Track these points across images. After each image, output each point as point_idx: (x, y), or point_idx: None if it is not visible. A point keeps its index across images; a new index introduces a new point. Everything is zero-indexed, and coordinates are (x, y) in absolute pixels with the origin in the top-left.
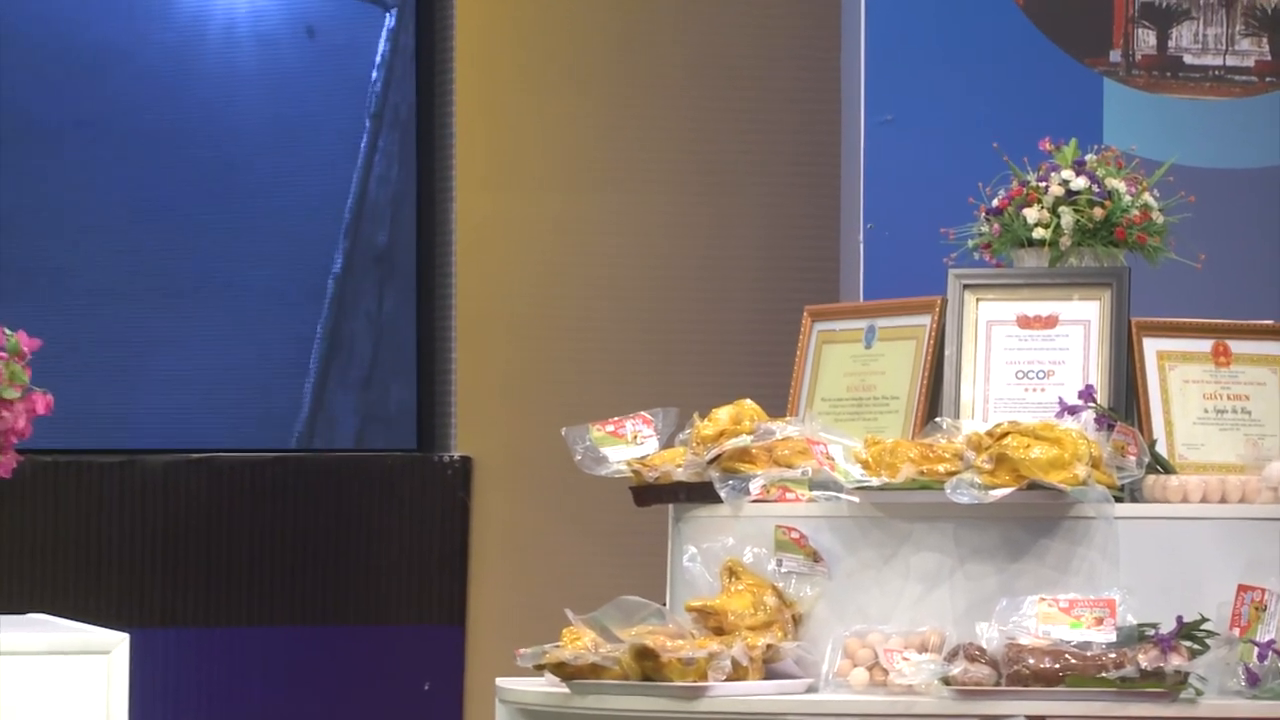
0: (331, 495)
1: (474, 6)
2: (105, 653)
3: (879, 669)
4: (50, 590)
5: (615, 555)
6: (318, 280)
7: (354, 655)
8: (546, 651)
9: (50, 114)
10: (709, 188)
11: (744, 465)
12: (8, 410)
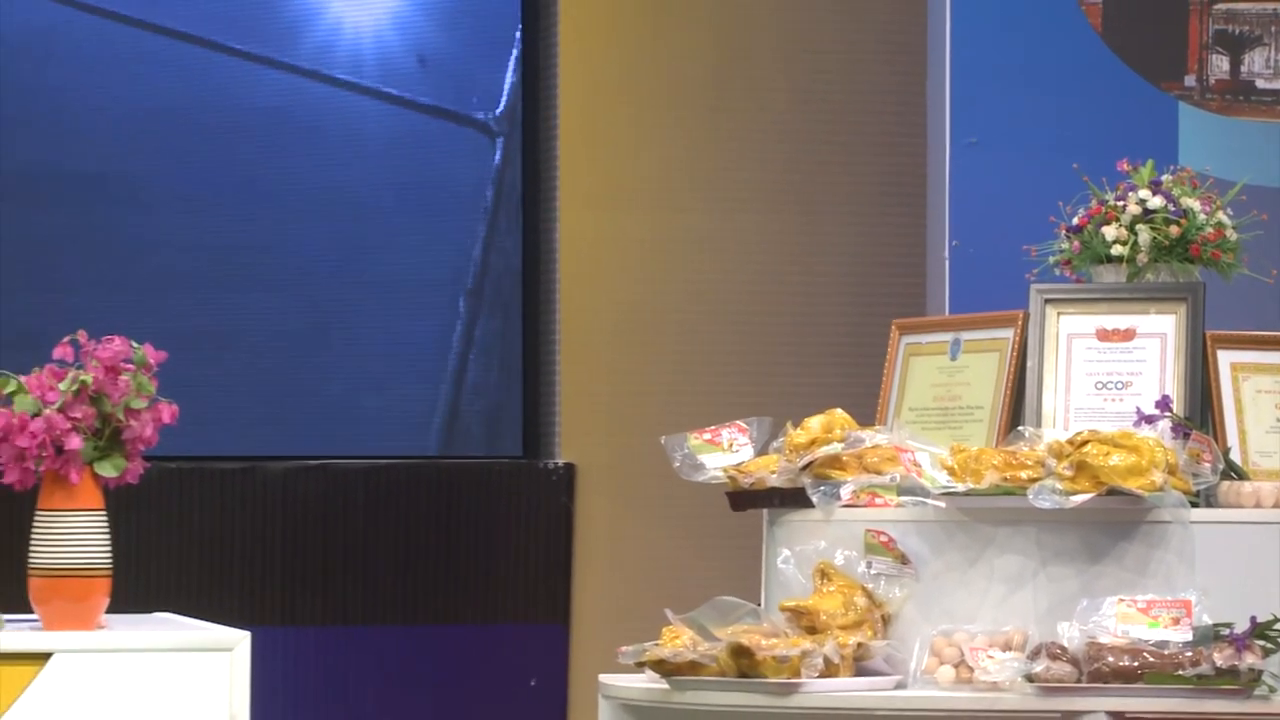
0: (442, 500)
1: (577, 32)
2: (228, 650)
3: (965, 667)
4: (175, 590)
5: (712, 558)
6: (430, 298)
7: (464, 653)
8: (647, 649)
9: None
10: (803, 207)
11: (835, 472)
12: (135, 420)
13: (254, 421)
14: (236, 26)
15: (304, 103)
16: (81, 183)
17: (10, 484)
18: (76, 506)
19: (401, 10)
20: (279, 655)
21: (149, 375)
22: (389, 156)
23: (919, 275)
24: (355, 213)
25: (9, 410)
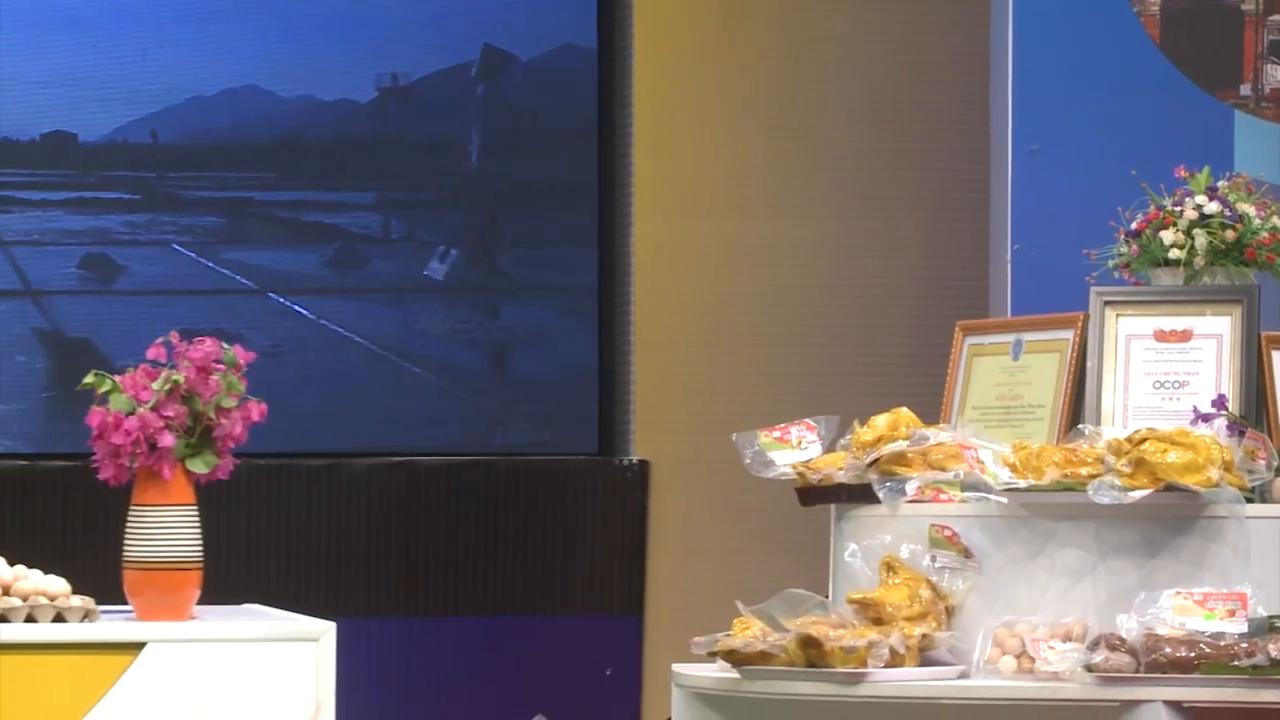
0: (521, 496)
1: (652, 44)
2: (314, 640)
3: (1026, 657)
4: (263, 582)
5: (781, 551)
6: (512, 301)
7: (542, 643)
8: (719, 640)
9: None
10: (869, 213)
11: (900, 468)
12: (226, 418)
13: (339, 420)
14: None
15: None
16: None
17: (106, 480)
18: (169, 502)
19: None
20: (363, 645)
21: (239, 375)
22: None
23: (982, 278)
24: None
25: (104, 409)
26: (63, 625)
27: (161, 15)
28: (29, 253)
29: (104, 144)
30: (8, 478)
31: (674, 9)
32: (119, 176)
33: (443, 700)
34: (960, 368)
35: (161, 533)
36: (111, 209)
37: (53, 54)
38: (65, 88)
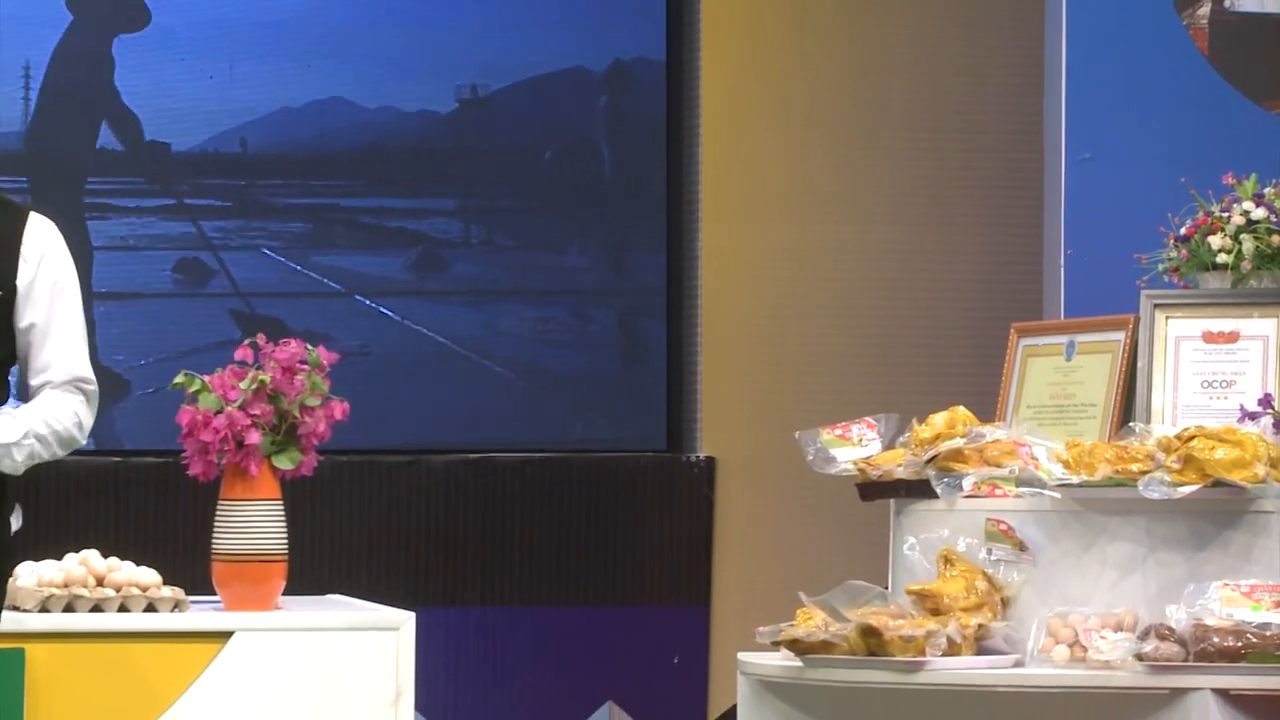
0: (592, 491)
1: (719, 54)
2: (394, 629)
3: (1079, 646)
4: (346, 574)
5: (842, 544)
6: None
7: (612, 632)
8: (782, 629)
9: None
10: (928, 219)
11: (957, 465)
12: (310, 416)
13: (418, 418)
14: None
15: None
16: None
17: (195, 476)
18: (255, 497)
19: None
20: (441, 634)
21: (322, 375)
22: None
23: (1036, 282)
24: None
25: (194, 408)
26: (154, 615)
27: (249, 31)
28: (126, 257)
29: (196, 154)
30: (102, 474)
31: (739, 23)
32: (211, 185)
33: (516, 687)
34: (1015, 368)
35: (248, 526)
36: (204, 215)
37: (146, 69)
38: (158, 100)
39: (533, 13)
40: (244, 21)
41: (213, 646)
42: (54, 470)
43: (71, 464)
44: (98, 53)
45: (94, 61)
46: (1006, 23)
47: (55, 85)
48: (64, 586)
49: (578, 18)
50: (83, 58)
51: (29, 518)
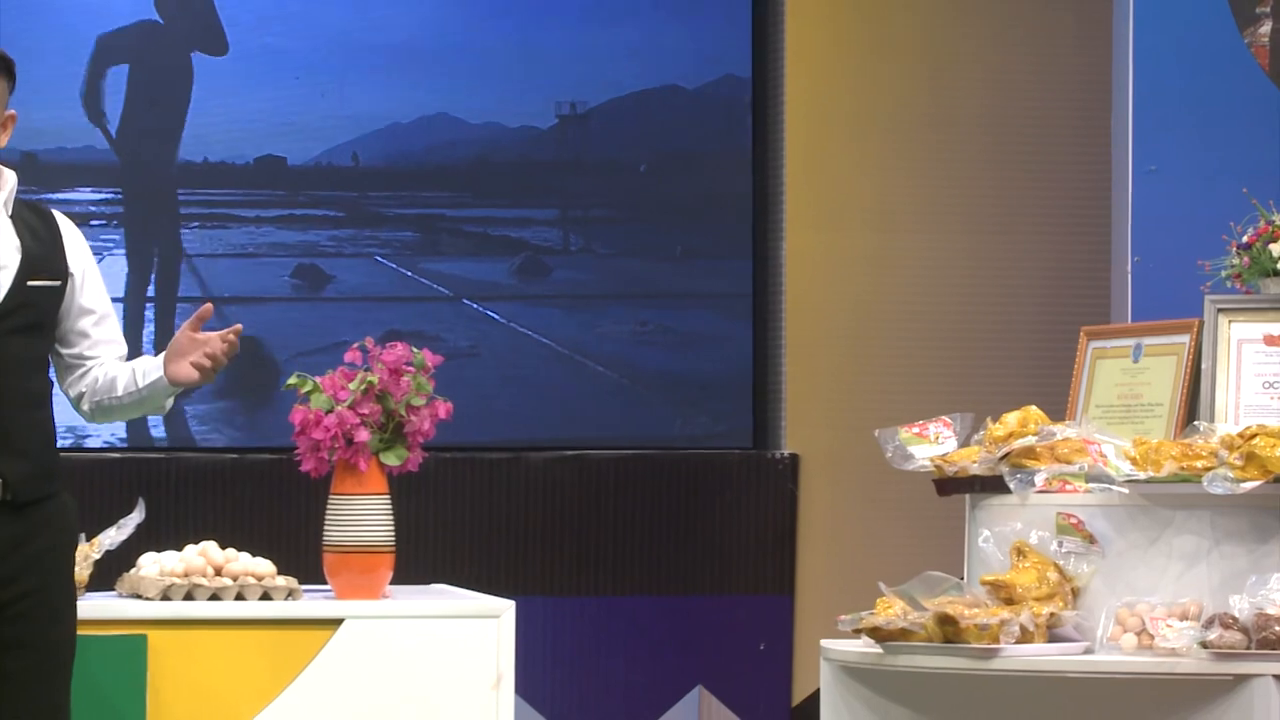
0: (682, 485)
1: (801, 73)
2: (495, 617)
3: (1146, 634)
4: (449, 564)
5: (920, 537)
6: (672, 306)
7: (701, 619)
8: (863, 618)
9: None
10: (1001, 228)
11: (1030, 461)
12: (415, 415)
13: (518, 417)
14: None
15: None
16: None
17: (307, 471)
18: (364, 491)
19: (644, 49)
20: (539, 621)
21: (427, 376)
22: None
23: (1104, 287)
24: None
25: (306, 407)
26: (269, 603)
27: (359, 52)
28: (245, 264)
29: (310, 167)
30: (220, 470)
31: (822, 41)
32: (325, 196)
33: (611, 671)
34: (1085, 369)
35: (357, 519)
36: (318, 225)
37: (262, 87)
38: (275, 116)
39: (628, 33)
40: (355, 43)
41: (324, 633)
42: (175, 467)
43: (191, 460)
44: (185, 68)
45: (181, 75)
46: (1075, 42)
47: (159, 98)
48: (184, 576)
49: (670, 38)
50: (181, 73)
51: (151, 511)
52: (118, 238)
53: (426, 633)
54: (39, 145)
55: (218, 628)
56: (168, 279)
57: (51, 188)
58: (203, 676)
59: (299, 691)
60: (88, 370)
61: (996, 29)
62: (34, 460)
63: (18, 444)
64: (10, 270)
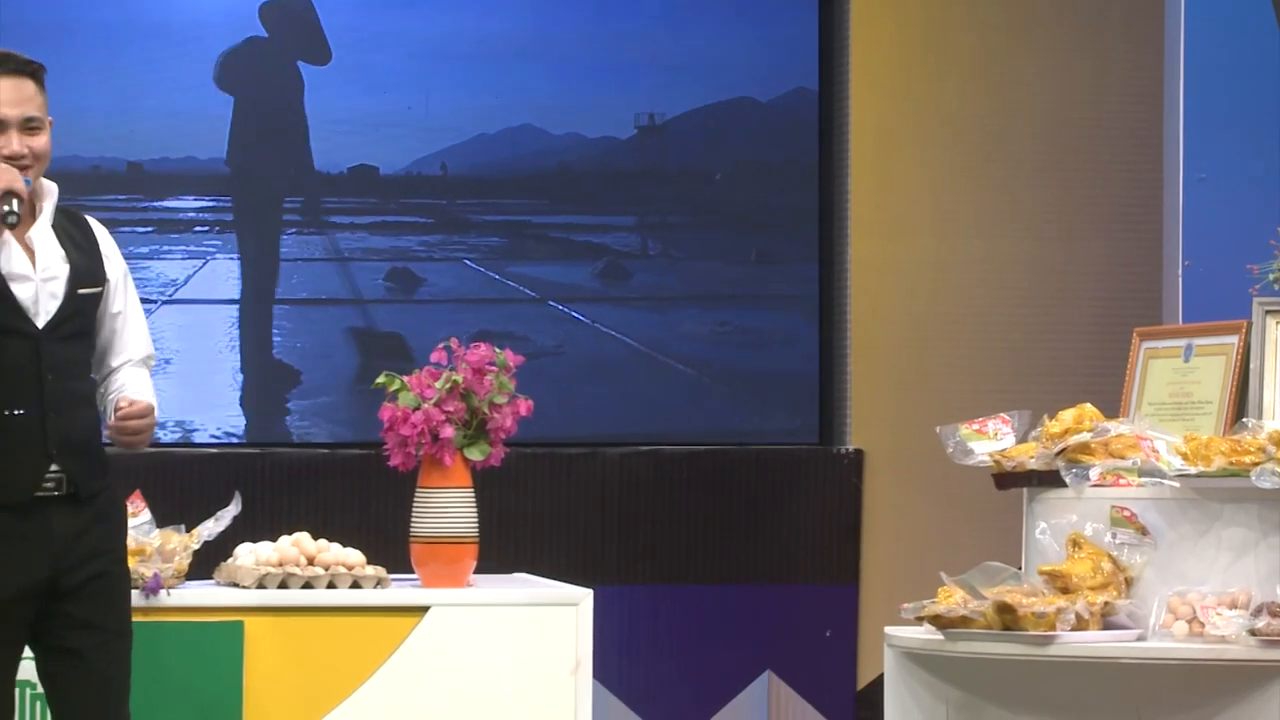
0: (751, 479)
1: (866, 86)
2: (574, 605)
3: (1196, 622)
4: (530, 554)
5: (979, 529)
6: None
7: (770, 607)
8: (925, 606)
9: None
10: (1057, 234)
11: (1085, 456)
12: (498, 413)
13: (596, 413)
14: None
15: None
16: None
17: (395, 466)
18: (449, 485)
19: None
20: (615, 609)
21: (509, 375)
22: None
23: (1156, 290)
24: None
25: (395, 405)
26: (359, 591)
27: (447, 65)
28: (340, 268)
29: (401, 175)
30: (313, 464)
31: (885, 56)
32: (415, 203)
33: (684, 657)
34: (1137, 369)
35: (443, 512)
36: (409, 231)
37: (355, 100)
38: (368, 128)
39: (703, 48)
40: (443, 57)
41: (411, 620)
42: (270, 462)
43: (285, 456)
44: (293, 79)
45: (290, 87)
46: (1128, 58)
47: (265, 110)
48: (278, 565)
49: (743, 52)
50: (285, 86)
51: (247, 504)
52: (219, 243)
53: (508, 620)
54: (145, 155)
55: (310, 615)
56: (268, 282)
57: (157, 196)
58: (296, 661)
59: (387, 675)
60: (108, 377)
61: (1052, 46)
62: (90, 456)
63: (76, 442)
64: (61, 280)
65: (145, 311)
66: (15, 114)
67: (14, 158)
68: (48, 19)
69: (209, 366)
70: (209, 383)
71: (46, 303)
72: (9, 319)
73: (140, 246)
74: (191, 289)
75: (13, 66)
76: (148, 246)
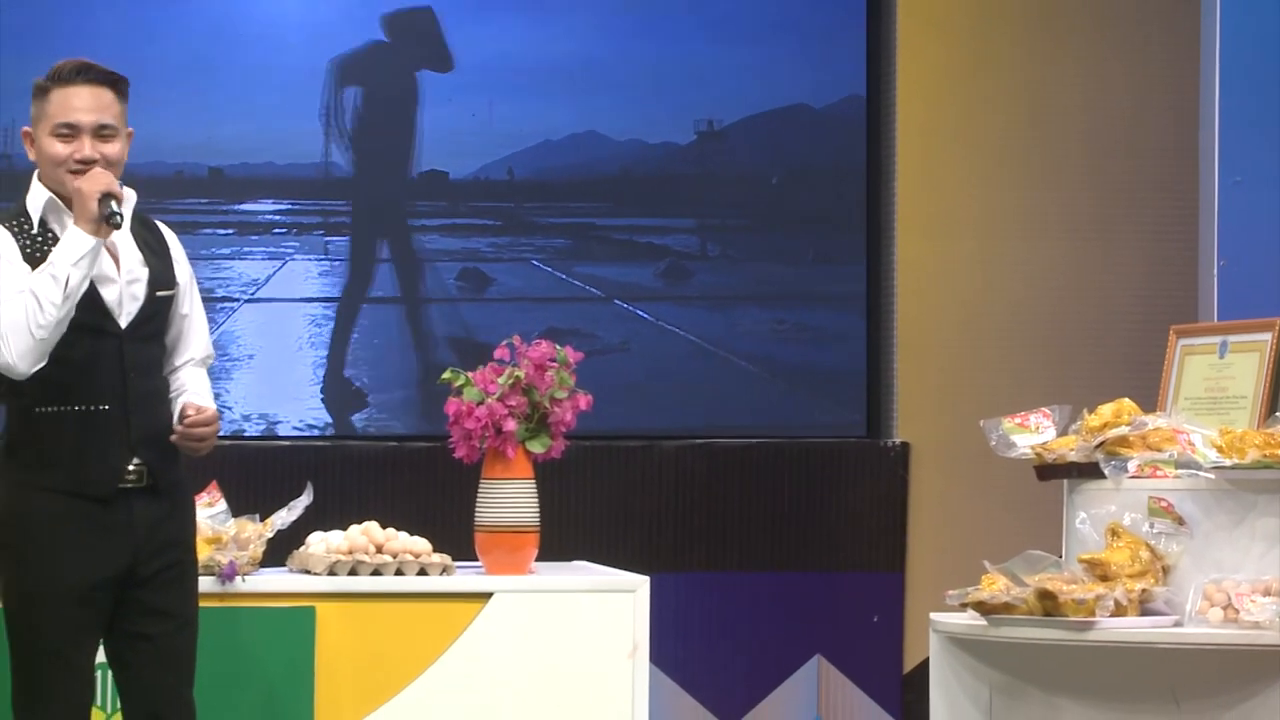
0: (801, 471)
1: (912, 93)
2: (631, 591)
3: (1231, 608)
4: (589, 543)
5: (1021, 519)
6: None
7: (820, 594)
8: (969, 593)
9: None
10: (1096, 235)
11: (1123, 449)
12: (558, 407)
13: (651, 407)
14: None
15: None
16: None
17: (460, 458)
18: (512, 476)
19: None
20: (671, 595)
21: (569, 371)
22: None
23: (1192, 289)
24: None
25: (459, 399)
26: (425, 578)
27: (512, 73)
28: (413, 268)
29: (470, 180)
30: (382, 456)
31: (930, 63)
32: (483, 207)
33: (736, 641)
34: (1174, 365)
35: (506, 502)
36: (478, 233)
37: (426, 109)
38: (437, 135)
39: (760, 57)
40: (507, 69)
41: (475, 605)
42: (340, 454)
43: (355, 448)
44: (405, 87)
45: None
46: (1165, 63)
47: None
48: (348, 553)
49: (798, 61)
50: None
51: (319, 495)
52: (297, 244)
53: (568, 605)
54: (224, 161)
55: (379, 600)
56: (344, 281)
57: (236, 199)
58: (366, 644)
59: (452, 658)
60: (169, 374)
61: (1092, 56)
62: (167, 450)
63: (155, 436)
64: (141, 283)
65: (228, 310)
66: (90, 120)
67: (85, 162)
68: (136, 33)
69: (288, 362)
70: (288, 378)
71: (129, 304)
72: (96, 319)
73: (222, 248)
74: (271, 288)
75: (93, 76)
76: (229, 248)
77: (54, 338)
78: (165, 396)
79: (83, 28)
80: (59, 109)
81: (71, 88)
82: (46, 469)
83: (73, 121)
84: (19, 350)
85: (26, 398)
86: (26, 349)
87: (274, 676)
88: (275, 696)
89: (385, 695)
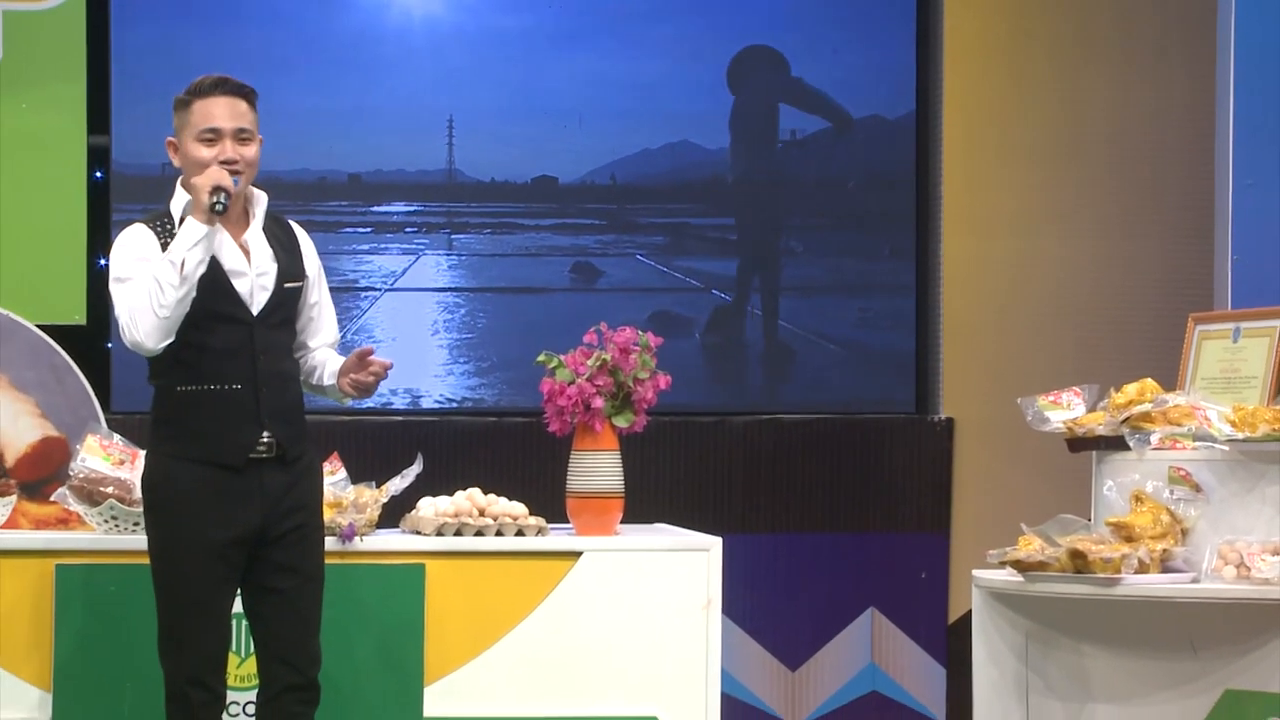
0: (856, 444)
1: (957, 106)
2: (706, 550)
3: (1244, 567)
4: (668, 507)
5: (1055, 486)
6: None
7: (873, 553)
8: (1007, 552)
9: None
10: (1122, 233)
11: (1146, 424)
12: (641, 386)
13: (723, 385)
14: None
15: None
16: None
17: (553, 431)
18: (599, 448)
19: (852, 86)
20: (741, 554)
21: (651, 354)
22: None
23: (1208, 281)
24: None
25: (553, 379)
26: (522, 539)
27: (613, 89)
28: (528, 262)
29: (577, 184)
30: (483, 430)
31: (974, 80)
32: (590, 208)
33: (799, 595)
34: (1192, 348)
35: (594, 471)
36: (586, 232)
37: (534, 121)
38: (546, 143)
39: (838, 73)
40: (604, 83)
41: (567, 563)
42: (448, 427)
43: (461, 422)
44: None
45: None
46: (1184, 79)
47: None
48: (454, 516)
49: (872, 78)
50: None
51: (429, 464)
52: (428, 241)
53: (650, 563)
54: (362, 168)
55: (482, 558)
56: (471, 274)
57: (372, 202)
58: (470, 598)
59: (547, 610)
60: (305, 357)
61: (1118, 68)
62: (294, 424)
63: (283, 412)
64: (271, 275)
65: (370, 299)
66: (230, 125)
67: (228, 162)
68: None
69: (421, 345)
70: (422, 358)
71: (259, 295)
72: (229, 308)
73: (362, 245)
74: (408, 279)
75: (229, 88)
76: (368, 244)
77: (176, 315)
78: (295, 377)
79: (244, 51)
80: (201, 117)
81: (211, 99)
82: (187, 441)
83: (215, 127)
84: (145, 329)
85: (170, 379)
86: (152, 327)
87: (389, 626)
88: (390, 644)
89: (487, 643)
